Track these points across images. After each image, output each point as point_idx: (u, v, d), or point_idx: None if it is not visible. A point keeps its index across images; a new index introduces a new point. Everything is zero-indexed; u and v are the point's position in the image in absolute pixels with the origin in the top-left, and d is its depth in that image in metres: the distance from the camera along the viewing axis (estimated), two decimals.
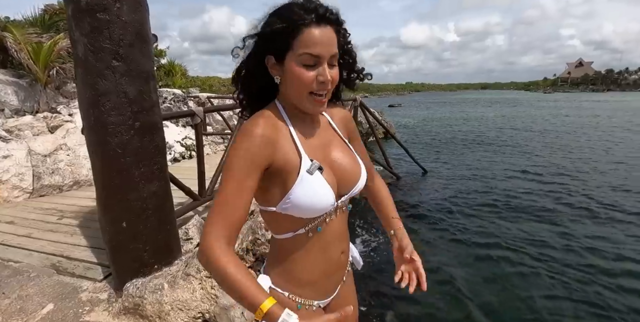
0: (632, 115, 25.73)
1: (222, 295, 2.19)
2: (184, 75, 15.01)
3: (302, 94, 0.89)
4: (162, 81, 10.12)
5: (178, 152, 6.65)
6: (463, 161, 11.13)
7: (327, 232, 0.99)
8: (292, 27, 0.84)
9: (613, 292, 3.81)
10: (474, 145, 14.15)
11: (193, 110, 3.44)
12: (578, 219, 6.04)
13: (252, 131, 0.86)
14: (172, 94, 7.74)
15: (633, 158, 10.66)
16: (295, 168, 0.89)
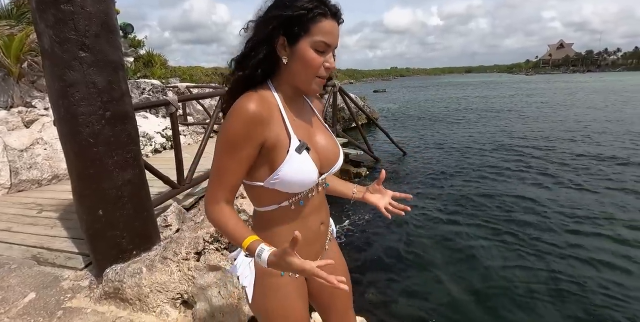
0: (604, 94, 26.31)
1: (199, 276, 2.28)
2: (164, 65, 14.76)
3: (310, 76, 0.98)
4: (141, 72, 9.98)
5: (159, 143, 6.64)
6: (442, 142, 11.39)
7: (308, 206, 1.08)
8: (313, 14, 0.93)
9: (578, 261, 4.03)
10: (454, 127, 14.42)
11: (168, 99, 3.46)
12: (545, 187, 6.32)
13: (246, 109, 0.92)
14: (150, 85, 7.66)
15: (599, 134, 11.13)
16: (285, 147, 0.97)
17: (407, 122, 16.52)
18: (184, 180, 3.73)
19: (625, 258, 4.05)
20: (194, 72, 18.71)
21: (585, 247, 4.36)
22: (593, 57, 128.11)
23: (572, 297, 3.41)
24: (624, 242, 4.45)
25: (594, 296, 3.41)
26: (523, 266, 3.99)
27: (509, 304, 3.36)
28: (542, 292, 3.50)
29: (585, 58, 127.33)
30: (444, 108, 22.68)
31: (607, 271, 3.83)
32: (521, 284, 3.64)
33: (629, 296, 3.36)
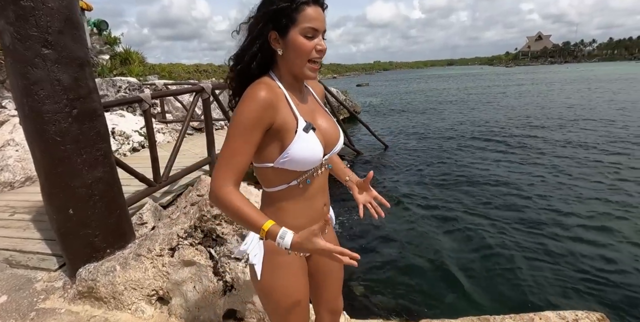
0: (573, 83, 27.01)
1: (173, 271, 2.28)
2: (141, 62, 14.48)
3: (304, 61, 1.04)
4: (117, 70, 9.78)
5: (137, 142, 6.55)
6: (422, 133, 11.55)
7: (313, 185, 1.14)
8: (296, 4, 1.00)
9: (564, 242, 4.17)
10: (433, 118, 14.60)
11: (140, 96, 3.42)
12: (525, 178, 6.49)
13: (258, 95, 0.98)
14: (126, 82, 7.52)
15: (570, 120, 11.48)
16: (293, 128, 1.03)
17: (388, 115, 16.66)
18: (160, 177, 3.70)
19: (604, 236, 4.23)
20: (175, 69, 18.39)
21: (565, 226, 4.51)
22: (570, 48, 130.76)
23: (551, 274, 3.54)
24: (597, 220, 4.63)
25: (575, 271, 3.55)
26: (500, 249, 4.11)
27: (489, 287, 3.46)
28: (521, 273, 3.63)
29: (563, 49, 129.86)
30: (424, 101, 22.92)
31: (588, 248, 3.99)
32: (500, 266, 3.76)
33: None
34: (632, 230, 4.39)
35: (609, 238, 4.25)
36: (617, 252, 3.91)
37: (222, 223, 2.30)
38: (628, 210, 4.98)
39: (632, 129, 10.28)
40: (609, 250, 3.98)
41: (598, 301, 3.16)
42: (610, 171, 6.82)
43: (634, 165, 7.06)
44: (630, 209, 5.01)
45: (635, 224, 4.57)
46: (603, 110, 13.89)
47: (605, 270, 3.59)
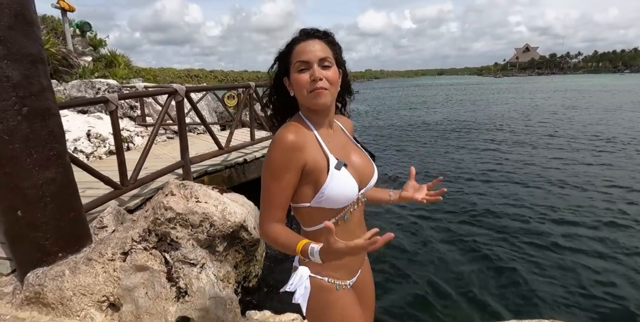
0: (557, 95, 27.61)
1: (124, 277, 2.20)
2: (127, 65, 14.36)
3: (304, 94, 1.05)
4: (99, 72, 9.64)
5: (113, 145, 6.42)
6: (410, 142, 11.54)
7: (351, 220, 1.15)
8: (289, 48, 1.07)
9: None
10: (420, 127, 14.66)
11: (106, 96, 3.34)
12: (508, 181, 6.52)
13: (284, 139, 1.02)
14: (106, 84, 7.39)
15: (563, 130, 11.62)
16: (325, 167, 1.05)
17: (375, 123, 16.71)
18: (127, 180, 3.61)
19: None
20: (166, 74, 18.28)
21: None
22: (556, 60, 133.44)
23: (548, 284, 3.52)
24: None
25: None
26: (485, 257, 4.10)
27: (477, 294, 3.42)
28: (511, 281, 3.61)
29: (549, 61, 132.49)
30: (411, 109, 23.10)
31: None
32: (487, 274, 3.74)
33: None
34: (612, 242, 4.41)
35: (587, 249, 4.26)
36: (593, 263, 3.92)
37: (176, 227, 2.24)
38: (615, 220, 5.02)
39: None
40: (587, 261, 3.99)
41: (567, 311, 3.14)
42: (588, 176, 6.93)
43: (609, 168, 7.18)
44: (619, 220, 5.04)
45: (617, 235, 4.60)
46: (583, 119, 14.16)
47: (579, 281, 3.59)
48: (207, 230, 2.25)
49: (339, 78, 1.10)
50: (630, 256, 4.02)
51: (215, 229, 2.27)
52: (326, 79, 1.03)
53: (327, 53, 1.05)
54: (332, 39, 1.10)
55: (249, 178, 5.70)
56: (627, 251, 4.15)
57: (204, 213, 2.25)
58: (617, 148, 9.44)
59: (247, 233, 2.59)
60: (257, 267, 3.05)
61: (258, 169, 5.90)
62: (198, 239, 2.25)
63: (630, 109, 18.06)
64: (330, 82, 1.05)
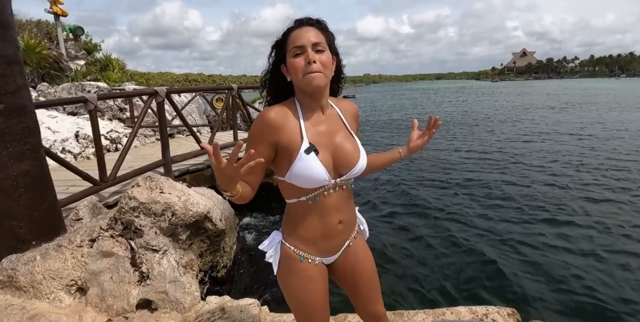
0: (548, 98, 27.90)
1: (91, 262, 2.36)
2: (122, 69, 14.55)
3: (299, 77, 1.12)
4: (91, 75, 9.83)
5: (102, 145, 6.59)
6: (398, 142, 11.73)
7: (325, 203, 1.21)
8: (284, 36, 1.16)
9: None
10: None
11: (85, 96, 3.52)
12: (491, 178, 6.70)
13: (264, 115, 1.14)
14: (96, 87, 7.59)
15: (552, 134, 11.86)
16: (297, 148, 1.13)
17: (367, 127, 16.91)
18: (107, 177, 3.78)
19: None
20: (164, 78, 18.44)
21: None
22: (553, 65, 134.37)
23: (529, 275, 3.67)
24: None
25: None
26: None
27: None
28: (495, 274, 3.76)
29: (546, 65, 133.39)
30: (405, 110, 23.38)
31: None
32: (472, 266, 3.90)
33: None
34: (563, 235, 4.58)
35: (569, 246, 4.41)
36: (541, 255, 4.08)
37: (140, 215, 2.40)
38: (570, 215, 5.20)
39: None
40: (536, 252, 4.16)
41: (518, 298, 3.29)
42: (559, 166, 7.12)
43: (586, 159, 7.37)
44: (575, 217, 5.21)
45: (567, 230, 4.77)
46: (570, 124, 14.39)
47: (527, 271, 3.75)
48: (169, 219, 2.42)
49: (332, 62, 1.18)
50: (610, 254, 4.16)
51: (177, 218, 2.44)
52: (320, 62, 1.11)
53: (320, 38, 1.14)
54: (324, 26, 1.18)
55: None
56: (607, 248, 4.29)
57: (166, 203, 2.41)
58: (595, 147, 9.67)
59: (212, 224, 2.75)
60: (226, 259, 3.20)
61: None
62: (160, 227, 2.42)
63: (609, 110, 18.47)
64: (324, 65, 1.12)
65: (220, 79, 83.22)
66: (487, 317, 2.51)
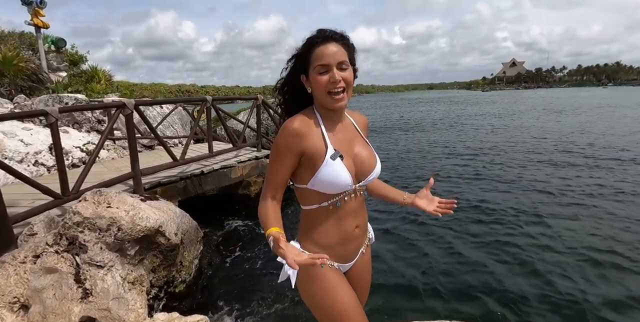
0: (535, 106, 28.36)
1: (34, 278, 2.32)
2: (108, 80, 14.56)
3: (323, 94, 1.18)
4: (72, 87, 9.81)
5: (77, 158, 6.55)
6: (388, 150, 11.83)
7: (344, 208, 1.26)
8: (308, 49, 1.18)
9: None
10: (402, 135, 14.94)
11: (46, 109, 3.50)
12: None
13: (288, 126, 1.18)
14: (74, 99, 7.56)
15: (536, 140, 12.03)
16: (323, 155, 1.18)
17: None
18: (69, 190, 3.73)
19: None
20: (157, 89, 18.43)
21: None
22: (542, 74, 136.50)
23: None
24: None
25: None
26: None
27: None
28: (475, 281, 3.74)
29: (535, 75, 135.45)
30: (394, 119, 23.58)
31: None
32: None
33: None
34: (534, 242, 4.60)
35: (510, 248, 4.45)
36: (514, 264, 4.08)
37: (84, 231, 2.38)
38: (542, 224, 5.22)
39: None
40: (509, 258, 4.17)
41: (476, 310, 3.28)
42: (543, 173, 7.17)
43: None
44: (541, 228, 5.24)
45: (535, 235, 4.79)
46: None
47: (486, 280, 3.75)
48: (114, 234, 2.39)
49: (354, 78, 1.23)
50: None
51: (123, 232, 2.41)
52: (343, 80, 1.17)
53: (344, 56, 1.18)
54: (347, 41, 1.22)
55: (205, 189, 5.84)
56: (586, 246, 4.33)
57: (112, 217, 2.39)
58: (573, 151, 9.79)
59: (165, 238, 2.73)
60: (184, 273, 3.16)
61: (215, 181, 6.04)
62: (106, 242, 2.39)
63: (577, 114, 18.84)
64: (347, 83, 1.18)
65: (213, 90, 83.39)
66: None
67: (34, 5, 8.63)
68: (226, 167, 6.25)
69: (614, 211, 5.53)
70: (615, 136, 12.70)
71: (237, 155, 6.80)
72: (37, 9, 8.73)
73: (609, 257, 4.07)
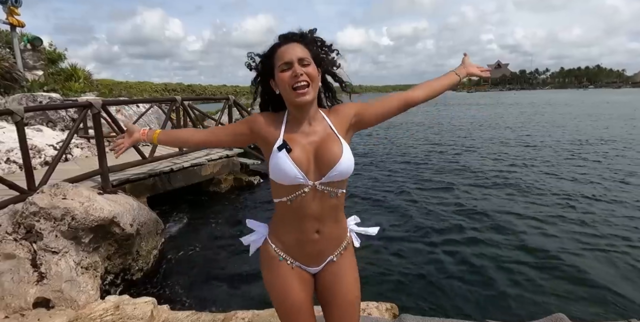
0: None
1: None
2: (87, 79, 14.56)
3: (287, 90, 1.20)
4: (49, 85, 9.88)
5: (50, 156, 6.68)
6: (370, 152, 12.09)
7: (301, 207, 1.23)
8: (271, 51, 1.25)
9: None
10: (382, 139, 15.26)
11: (10, 108, 3.69)
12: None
13: (253, 115, 1.33)
14: (48, 98, 7.68)
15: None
16: (272, 146, 1.23)
17: None
18: (34, 185, 3.92)
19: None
20: (143, 87, 18.37)
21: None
22: (526, 76, 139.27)
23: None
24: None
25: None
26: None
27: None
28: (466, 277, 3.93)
29: (519, 77, 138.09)
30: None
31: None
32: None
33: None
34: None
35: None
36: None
37: (40, 220, 2.60)
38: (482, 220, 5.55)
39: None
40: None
41: (399, 295, 3.52)
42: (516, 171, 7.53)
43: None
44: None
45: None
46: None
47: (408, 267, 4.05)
48: (69, 223, 2.62)
49: (318, 75, 1.24)
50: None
51: (77, 222, 2.64)
52: (306, 74, 1.18)
53: (305, 53, 1.21)
54: (308, 40, 1.25)
55: (175, 186, 6.06)
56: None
57: (66, 208, 2.62)
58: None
59: (120, 228, 2.96)
60: (141, 262, 3.40)
61: (185, 178, 6.26)
62: (61, 230, 2.61)
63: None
64: (311, 78, 1.19)
65: (199, 89, 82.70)
66: (364, 311, 2.78)
67: (9, 4, 8.70)
68: (196, 165, 6.48)
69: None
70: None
71: (209, 153, 7.01)
72: (12, 8, 8.80)
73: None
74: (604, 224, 5.30)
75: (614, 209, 5.93)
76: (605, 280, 3.75)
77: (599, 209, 5.93)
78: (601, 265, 4.11)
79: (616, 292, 3.52)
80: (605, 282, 3.71)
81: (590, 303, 3.42)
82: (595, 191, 6.92)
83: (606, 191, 6.91)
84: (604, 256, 4.30)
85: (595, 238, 4.82)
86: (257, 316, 2.55)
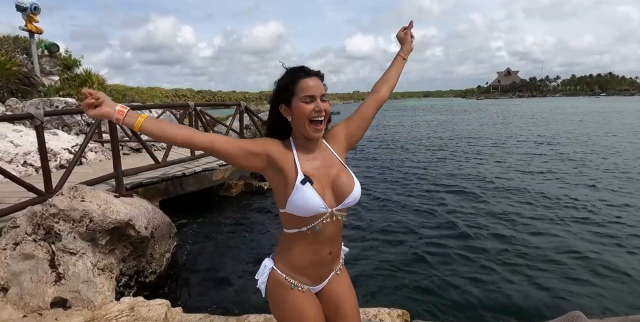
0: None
1: (13, 263, 2.60)
2: (101, 84, 14.83)
3: (305, 121, 1.25)
4: (64, 91, 10.09)
5: (65, 159, 6.81)
6: (368, 158, 12.10)
7: (322, 233, 1.29)
8: (292, 80, 1.27)
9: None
10: (384, 145, 15.27)
11: (31, 112, 3.79)
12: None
13: (264, 139, 1.33)
14: (64, 102, 7.85)
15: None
16: (293, 182, 1.25)
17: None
18: (52, 188, 4.00)
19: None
20: (153, 93, 18.65)
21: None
22: (536, 83, 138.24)
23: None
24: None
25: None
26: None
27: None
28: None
29: (529, 84, 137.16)
30: (379, 126, 23.94)
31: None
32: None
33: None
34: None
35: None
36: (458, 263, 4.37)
37: (59, 221, 2.66)
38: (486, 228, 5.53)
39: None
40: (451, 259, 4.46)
41: (411, 302, 3.52)
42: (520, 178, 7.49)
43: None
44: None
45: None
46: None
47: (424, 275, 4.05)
48: (87, 224, 2.68)
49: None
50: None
51: (94, 224, 2.70)
52: (325, 111, 1.27)
53: (324, 90, 1.29)
54: (323, 78, 1.33)
55: (186, 190, 6.13)
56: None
57: (84, 210, 2.68)
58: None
59: (135, 231, 3.01)
60: (154, 265, 3.44)
61: (196, 183, 6.33)
62: (79, 232, 2.67)
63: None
64: (327, 113, 1.29)
65: (209, 95, 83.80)
66: (376, 317, 2.78)
67: (28, 11, 8.94)
68: (207, 170, 6.55)
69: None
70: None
71: None
72: (31, 15, 9.04)
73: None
74: (616, 223, 5.47)
75: (625, 208, 6.00)
76: (619, 276, 3.86)
77: (610, 209, 5.98)
78: (618, 261, 4.23)
79: (631, 286, 3.59)
80: (620, 276, 3.84)
81: (605, 300, 3.46)
82: (607, 193, 6.93)
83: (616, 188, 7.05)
84: (618, 253, 4.43)
85: (607, 238, 4.96)
86: (269, 320, 2.57)
